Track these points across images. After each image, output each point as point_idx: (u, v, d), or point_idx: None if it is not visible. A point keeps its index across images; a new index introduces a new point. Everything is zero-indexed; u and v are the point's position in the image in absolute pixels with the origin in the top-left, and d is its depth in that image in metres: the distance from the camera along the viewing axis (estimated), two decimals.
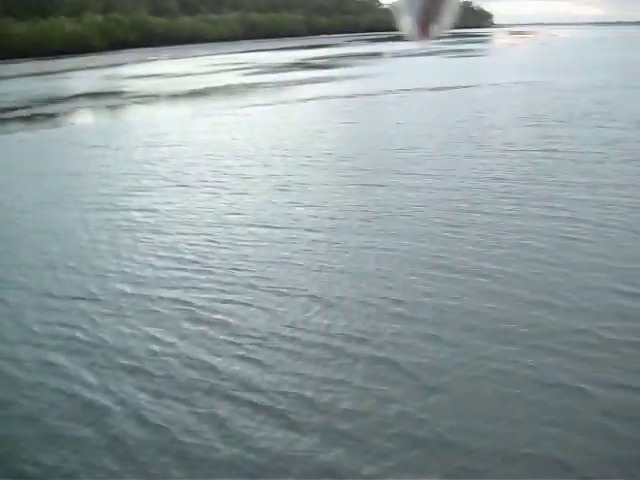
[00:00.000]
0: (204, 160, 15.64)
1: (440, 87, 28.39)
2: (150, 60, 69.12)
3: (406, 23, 1.69)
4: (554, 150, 14.09)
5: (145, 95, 33.50)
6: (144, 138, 20.18)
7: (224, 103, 28.85)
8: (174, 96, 32.92)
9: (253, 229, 9.90)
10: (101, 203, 12.28)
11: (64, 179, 14.82)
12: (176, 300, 7.44)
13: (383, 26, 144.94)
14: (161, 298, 7.52)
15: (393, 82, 32.25)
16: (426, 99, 25.98)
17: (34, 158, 18.48)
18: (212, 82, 37.67)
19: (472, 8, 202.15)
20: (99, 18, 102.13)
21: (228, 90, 33.62)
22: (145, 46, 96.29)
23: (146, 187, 13.30)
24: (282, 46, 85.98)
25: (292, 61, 54.74)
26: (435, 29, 1.68)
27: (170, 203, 11.96)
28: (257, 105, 26.45)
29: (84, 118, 28.88)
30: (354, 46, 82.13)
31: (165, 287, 7.87)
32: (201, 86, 35.68)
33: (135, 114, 28.42)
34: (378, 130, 18.90)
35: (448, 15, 1.68)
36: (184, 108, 28.30)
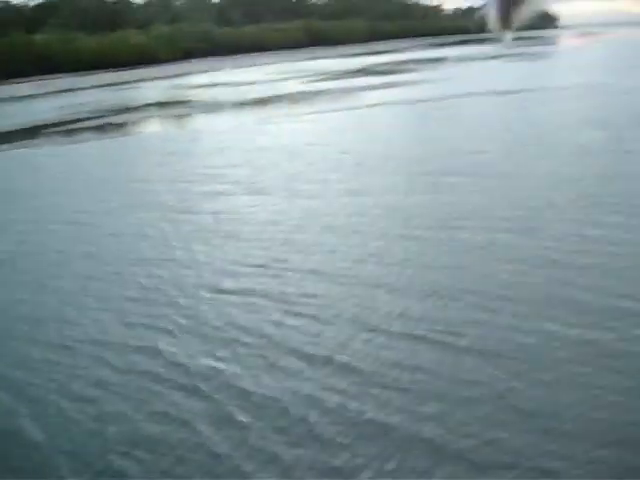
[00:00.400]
0: (274, 165, 15.92)
1: (506, 91, 28.07)
2: (215, 69, 70.16)
3: (490, 15, 1.97)
4: (627, 151, 13.88)
5: (211, 104, 34.10)
6: (213, 144, 20.63)
7: (289, 110, 29.12)
8: (239, 104, 33.36)
9: (328, 234, 10.05)
10: (179, 207, 12.69)
11: (142, 185, 15.30)
12: (252, 304, 7.63)
13: (447, 31, 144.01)
14: (234, 303, 7.72)
15: (458, 87, 32.01)
16: (492, 103, 25.75)
17: (111, 164, 19.16)
18: (277, 90, 38.05)
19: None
20: (165, 29, 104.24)
21: (292, 97, 33.91)
22: (210, 56, 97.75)
23: (220, 192, 13.63)
24: (346, 52, 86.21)
25: (356, 67, 54.83)
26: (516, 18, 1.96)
27: (246, 206, 12.26)
28: (322, 112, 26.62)
29: (154, 127, 29.61)
30: (418, 51, 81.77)
31: (239, 292, 8.08)
32: (266, 94, 36.08)
33: (202, 122, 28.98)
34: (446, 134, 18.88)
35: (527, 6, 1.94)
36: (250, 116, 28.65)
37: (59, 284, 9.06)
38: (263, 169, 15.57)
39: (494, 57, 53.29)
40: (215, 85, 46.83)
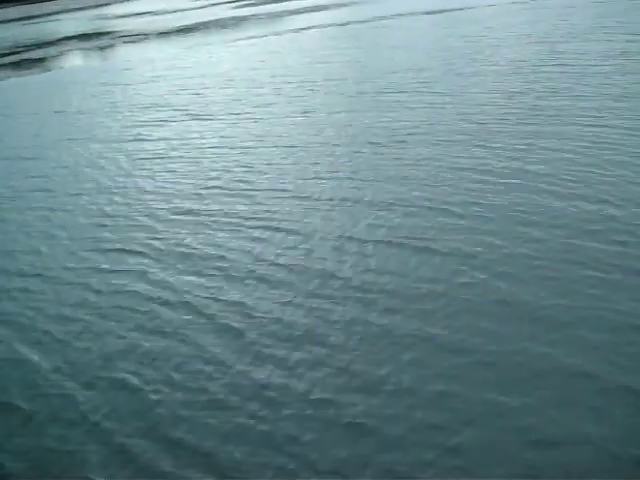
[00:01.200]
0: (214, 91, 15.93)
1: (436, 10, 28.13)
2: None
3: None
4: (562, 64, 14.24)
5: (136, 34, 33.18)
6: (146, 74, 20.27)
7: (217, 37, 28.58)
8: (165, 33, 32.58)
9: (281, 155, 10.24)
10: (127, 136, 12.72)
11: (81, 116, 15.08)
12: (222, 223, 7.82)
13: None
14: (205, 223, 7.89)
15: (387, 8, 31.86)
16: (425, 23, 25.80)
17: (40, 98, 18.62)
18: (203, 17, 37.22)
19: None
20: None
21: (220, 24, 33.27)
22: None
23: (165, 119, 13.59)
24: None
25: None
26: None
27: (195, 132, 12.30)
28: (252, 37, 26.28)
29: (78, 60, 28.69)
30: None
31: (208, 213, 8.26)
32: (192, 21, 35.26)
33: (129, 53, 28.21)
34: (381, 54, 18.91)
35: None
36: (179, 44, 28.06)
37: (21, 217, 9.01)
38: (204, 95, 15.54)
39: None
40: (138, 14, 45.39)
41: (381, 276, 6.01)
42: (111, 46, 30.85)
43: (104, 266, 7.04)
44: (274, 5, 40.84)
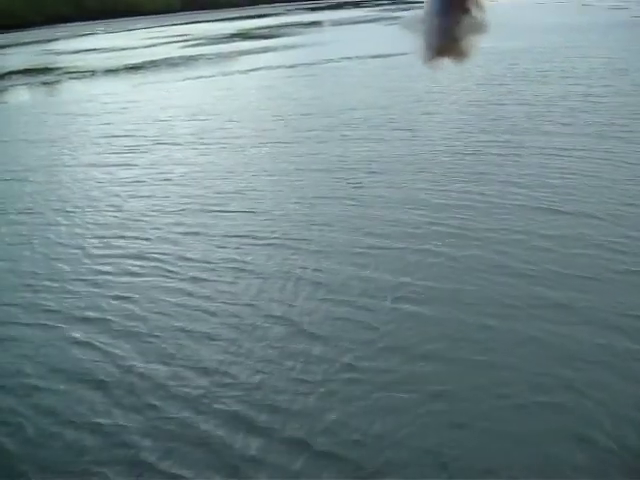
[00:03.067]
0: (157, 126, 16.70)
1: (382, 54, 28.35)
2: (85, 34, 67.43)
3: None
4: (519, 104, 15.32)
5: (82, 71, 32.75)
6: (105, 107, 20.47)
7: (166, 76, 28.36)
8: (114, 70, 32.23)
9: (257, 180, 11.18)
10: (114, 161, 13.47)
11: (56, 144, 15.68)
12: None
13: None
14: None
15: (335, 50, 32.08)
16: (369, 65, 25.99)
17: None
18: (150, 55, 36.99)
19: None
20: None
21: (167, 63, 33.07)
22: (80, 20, 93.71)
23: (145, 145, 14.54)
24: (222, 17, 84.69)
25: (233, 32, 53.99)
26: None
27: (176, 158, 13.27)
28: (201, 77, 26.14)
29: (24, 95, 28.14)
30: (294, 15, 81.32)
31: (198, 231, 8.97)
32: (139, 60, 35.01)
33: (75, 89, 27.77)
34: (328, 94, 19.29)
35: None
36: (126, 82, 27.75)
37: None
38: (150, 130, 16.24)
39: (370, 21, 53.70)
40: (85, 51, 45.00)
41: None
42: (58, 82, 30.35)
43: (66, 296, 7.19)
44: (223, 46, 40.89)
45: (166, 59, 34.59)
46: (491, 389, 5.05)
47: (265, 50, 35.53)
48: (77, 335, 6.39)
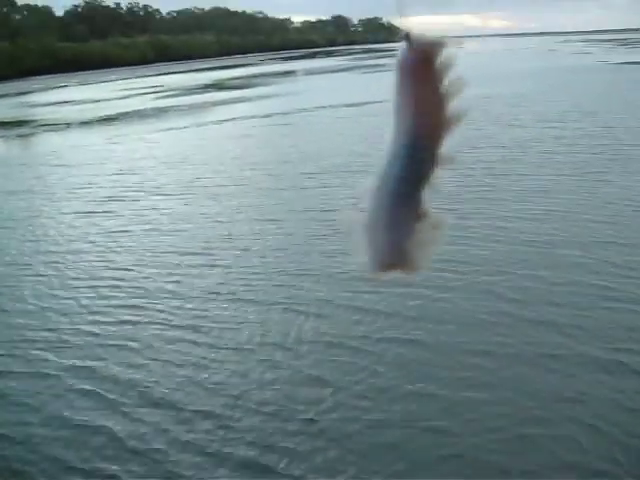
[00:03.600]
0: (135, 177, 16.61)
1: (355, 103, 28.62)
2: (59, 87, 67.58)
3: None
4: (480, 147, 15.55)
5: (55, 123, 32.66)
6: (79, 158, 20.20)
7: (139, 127, 28.31)
8: (86, 123, 32.18)
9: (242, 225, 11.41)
10: (101, 209, 13.65)
11: (38, 195, 15.63)
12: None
13: (296, 45, 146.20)
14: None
15: (308, 100, 32.39)
16: (343, 114, 26.19)
17: None
18: (124, 107, 37.01)
19: (382, 24, 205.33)
20: (6, 45, 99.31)
21: (141, 114, 33.10)
22: (55, 72, 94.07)
23: (126, 195, 14.61)
24: (195, 68, 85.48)
25: (206, 82, 54.41)
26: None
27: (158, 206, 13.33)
28: (174, 128, 26.13)
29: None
30: (267, 65, 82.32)
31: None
32: (113, 112, 35.03)
33: (48, 142, 27.62)
34: (301, 143, 19.21)
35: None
36: (100, 134, 27.67)
37: None
38: (150, 177, 16.49)
39: (343, 70, 54.43)
40: (59, 103, 45.00)
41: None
42: (34, 134, 30.20)
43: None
44: (196, 97, 41.13)
45: (140, 111, 34.63)
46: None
47: (239, 100, 35.77)
48: (75, 383, 6.37)
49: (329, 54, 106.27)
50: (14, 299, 8.79)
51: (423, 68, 1.12)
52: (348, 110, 27.08)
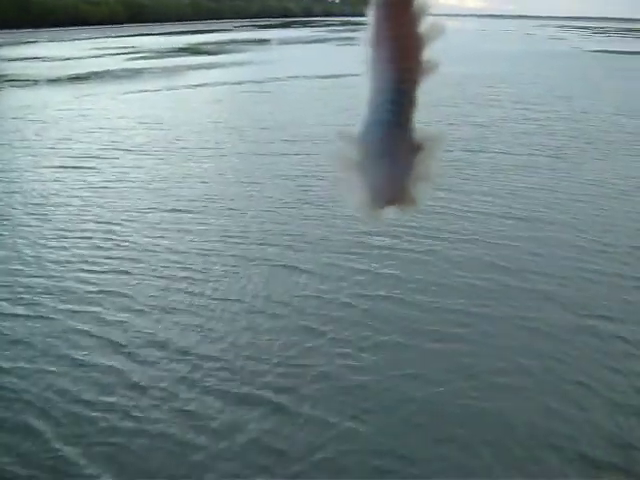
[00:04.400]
0: (106, 138, 16.40)
1: (330, 75, 28.40)
2: (29, 42, 66.10)
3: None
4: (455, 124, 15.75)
5: (23, 79, 31.92)
6: (47, 117, 19.63)
7: (109, 88, 27.78)
8: (56, 80, 31.50)
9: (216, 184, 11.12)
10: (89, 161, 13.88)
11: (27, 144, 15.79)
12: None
13: (272, 13, 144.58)
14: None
15: (281, 69, 32.05)
16: (316, 84, 26.00)
17: None
18: (95, 67, 36.30)
19: None
20: None
21: (112, 75, 32.51)
22: (23, 27, 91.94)
23: (104, 149, 14.84)
24: (169, 31, 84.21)
25: (179, 46, 53.61)
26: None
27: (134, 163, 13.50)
28: (144, 90, 25.69)
29: None
30: (242, 32, 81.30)
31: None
32: (84, 70, 34.35)
33: (17, 98, 26.98)
34: (275, 111, 19.04)
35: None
36: (67, 92, 27.07)
37: None
38: (126, 136, 16.45)
39: (318, 41, 54.01)
40: (28, 59, 44.00)
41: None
42: (1, 89, 29.49)
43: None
44: (169, 59, 40.53)
45: (112, 71, 34.01)
46: None
47: (212, 66, 35.29)
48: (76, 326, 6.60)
49: (305, 24, 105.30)
50: (7, 248, 8.84)
51: (400, 8, 1.10)
52: (323, 81, 26.88)
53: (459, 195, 10.48)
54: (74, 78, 31.78)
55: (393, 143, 1.11)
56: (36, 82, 31.02)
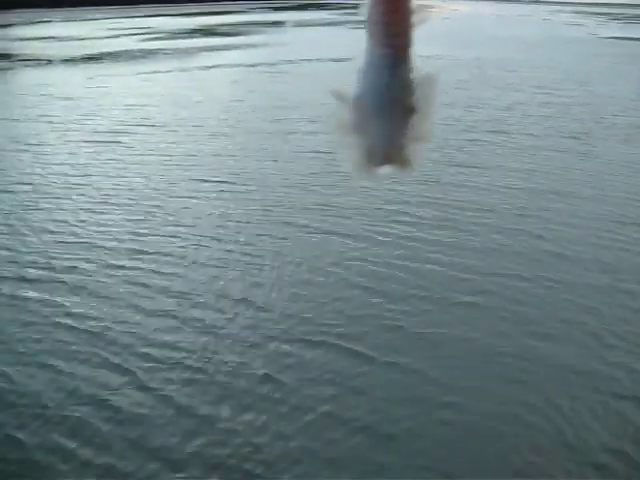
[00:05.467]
0: (159, 114, 16.95)
1: (342, 58, 28.17)
2: (43, 22, 66.02)
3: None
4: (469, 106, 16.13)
5: (37, 59, 31.91)
6: (26, 107, 19.44)
7: (121, 69, 27.76)
8: (70, 60, 31.48)
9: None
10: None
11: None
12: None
13: None
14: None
15: (295, 52, 31.86)
16: (328, 68, 25.84)
17: None
18: (109, 47, 36.25)
19: None
20: None
21: (126, 55, 32.46)
22: (37, 6, 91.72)
23: (132, 126, 15.33)
24: (184, 12, 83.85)
25: (194, 27, 53.39)
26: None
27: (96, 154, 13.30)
28: (159, 72, 25.65)
29: None
30: (257, 14, 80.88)
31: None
32: (98, 50, 34.30)
33: (27, 78, 27.00)
34: (293, 91, 19.11)
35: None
36: (81, 72, 27.06)
37: None
38: (146, 114, 16.85)
39: (333, 24, 53.68)
40: (42, 39, 43.97)
41: None
42: (9, 69, 29.48)
43: None
44: (183, 41, 40.36)
45: (124, 51, 33.95)
46: None
47: (227, 48, 35.13)
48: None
49: (320, 7, 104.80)
50: (44, 220, 9.28)
51: None
52: (336, 65, 26.71)
53: (471, 169, 11.17)
54: (86, 58, 31.78)
55: (388, 104, 1.12)
56: (49, 62, 31.02)
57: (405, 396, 5.22)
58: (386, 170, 1.14)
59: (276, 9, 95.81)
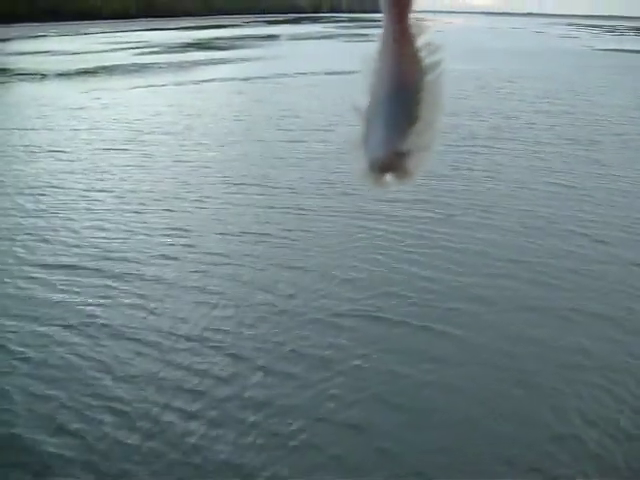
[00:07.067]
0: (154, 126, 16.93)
1: (336, 71, 28.20)
2: (38, 36, 66.06)
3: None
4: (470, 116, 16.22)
5: (32, 73, 31.82)
6: (30, 118, 19.22)
7: (116, 83, 27.68)
8: (64, 75, 31.39)
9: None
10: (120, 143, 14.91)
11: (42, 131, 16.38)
12: None
13: (282, 8, 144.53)
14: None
15: (289, 65, 31.90)
16: (322, 81, 25.87)
17: None
18: (104, 61, 36.20)
19: None
20: None
21: (121, 70, 32.38)
22: (33, 21, 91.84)
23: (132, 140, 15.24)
24: (179, 26, 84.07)
25: (188, 41, 53.48)
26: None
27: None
28: (152, 86, 25.58)
29: None
30: (252, 28, 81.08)
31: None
32: (93, 65, 34.25)
33: (21, 93, 26.88)
34: (279, 107, 19.01)
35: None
36: (75, 87, 26.96)
37: None
38: (146, 125, 17.03)
39: (327, 37, 53.84)
40: (37, 53, 43.92)
41: None
42: (3, 83, 29.37)
43: None
44: (177, 55, 40.36)
45: (118, 66, 33.89)
46: None
47: (222, 61, 35.15)
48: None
49: (314, 20, 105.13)
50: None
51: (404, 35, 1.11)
52: (330, 78, 26.71)
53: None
54: (81, 72, 31.68)
55: (391, 115, 1.11)
56: (44, 76, 30.93)
57: None
58: (388, 179, 1.12)
59: (271, 22, 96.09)
